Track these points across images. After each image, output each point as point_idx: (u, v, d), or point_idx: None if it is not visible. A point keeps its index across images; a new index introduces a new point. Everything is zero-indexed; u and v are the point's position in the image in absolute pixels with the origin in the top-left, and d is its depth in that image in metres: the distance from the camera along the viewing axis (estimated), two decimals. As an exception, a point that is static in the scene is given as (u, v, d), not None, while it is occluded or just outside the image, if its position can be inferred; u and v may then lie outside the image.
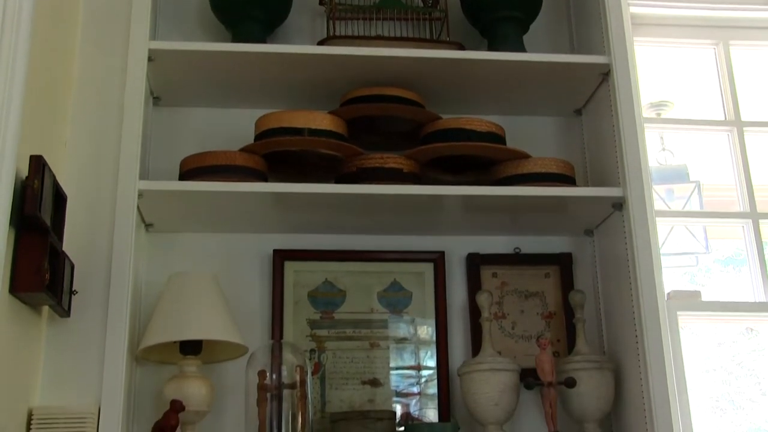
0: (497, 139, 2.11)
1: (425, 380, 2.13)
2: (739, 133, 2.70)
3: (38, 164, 1.59)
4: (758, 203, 2.61)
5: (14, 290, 1.57)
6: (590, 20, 2.31)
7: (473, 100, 2.29)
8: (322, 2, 2.29)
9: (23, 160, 1.57)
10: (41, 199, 1.58)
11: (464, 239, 2.25)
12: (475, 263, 2.22)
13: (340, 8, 2.26)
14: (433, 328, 2.16)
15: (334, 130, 2.05)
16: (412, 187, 2.01)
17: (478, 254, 2.23)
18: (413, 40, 2.25)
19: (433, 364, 2.14)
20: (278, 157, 2.09)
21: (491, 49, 2.25)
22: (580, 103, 2.35)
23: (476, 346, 2.12)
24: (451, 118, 2.13)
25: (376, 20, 2.30)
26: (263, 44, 2.15)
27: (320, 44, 2.20)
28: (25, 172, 1.59)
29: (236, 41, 2.17)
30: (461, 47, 2.25)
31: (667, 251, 2.62)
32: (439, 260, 2.21)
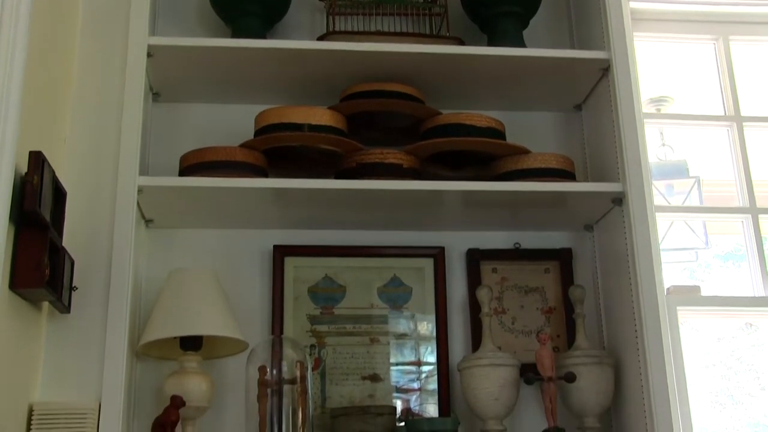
0: (497, 134, 2.11)
1: (425, 375, 2.13)
2: (738, 128, 2.69)
3: (37, 160, 1.59)
4: (758, 198, 2.60)
5: (14, 286, 1.57)
6: (590, 15, 2.31)
7: (473, 95, 2.29)
8: (321, -3, 2.29)
9: (23, 156, 1.57)
10: (41, 194, 1.58)
11: (464, 234, 2.25)
12: (475, 258, 2.22)
13: (339, 4, 2.26)
14: (433, 323, 2.16)
15: (333, 125, 2.05)
16: (411, 182, 2.01)
17: (478, 250, 2.23)
18: (413, 35, 2.24)
19: (433, 359, 2.14)
20: (278, 152, 2.09)
21: (491, 44, 2.25)
22: (579, 98, 2.35)
23: (476, 341, 2.12)
24: (450, 113, 2.12)
25: (375, 16, 2.30)
26: (263, 40, 2.14)
27: (320, 40, 2.20)
28: (24, 168, 1.58)
29: (236, 37, 2.17)
30: (461, 42, 2.25)
31: (666, 246, 2.62)
32: (439, 256, 2.21)
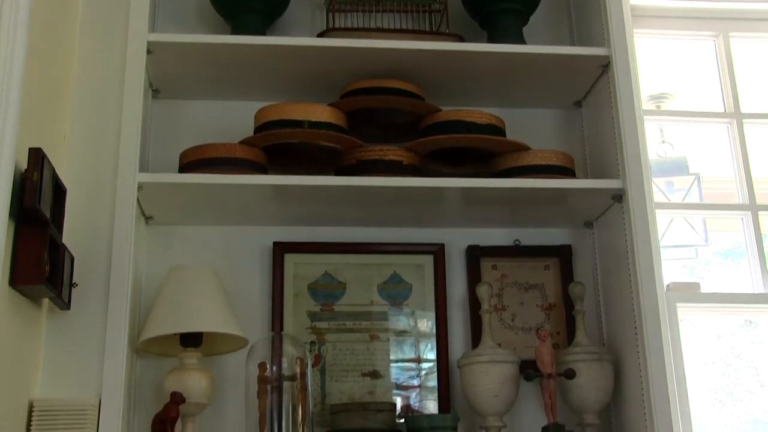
0: (497, 131, 2.11)
1: (425, 372, 2.14)
2: (738, 125, 2.69)
3: (37, 157, 1.59)
4: (757, 195, 2.60)
5: (14, 283, 1.58)
6: (590, 12, 2.30)
7: (473, 92, 2.29)
8: (321, -6, 2.29)
9: (22, 152, 1.57)
10: (40, 191, 1.58)
11: (464, 231, 2.25)
12: (474, 255, 2.22)
13: (339, 0, 2.26)
14: (432, 320, 2.17)
15: (333, 122, 2.05)
16: (411, 179, 2.01)
17: (477, 246, 2.23)
18: (413, 32, 2.24)
19: (433, 356, 2.14)
20: (278, 149, 2.09)
21: (491, 41, 2.25)
22: (579, 95, 2.34)
23: (476, 338, 2.12)
24: (450, 110, 2.12)
25: (375, 12, 2.30)
26: (263, 36, 2.14)
27: (320, 36, 2.20)
28: (24, 164, 1.58)
29: (235, 33, 2.16)
30: (461, 39, 2.24)
31: (666, 243, 2.62)
32: (438, 252, 2.21)
